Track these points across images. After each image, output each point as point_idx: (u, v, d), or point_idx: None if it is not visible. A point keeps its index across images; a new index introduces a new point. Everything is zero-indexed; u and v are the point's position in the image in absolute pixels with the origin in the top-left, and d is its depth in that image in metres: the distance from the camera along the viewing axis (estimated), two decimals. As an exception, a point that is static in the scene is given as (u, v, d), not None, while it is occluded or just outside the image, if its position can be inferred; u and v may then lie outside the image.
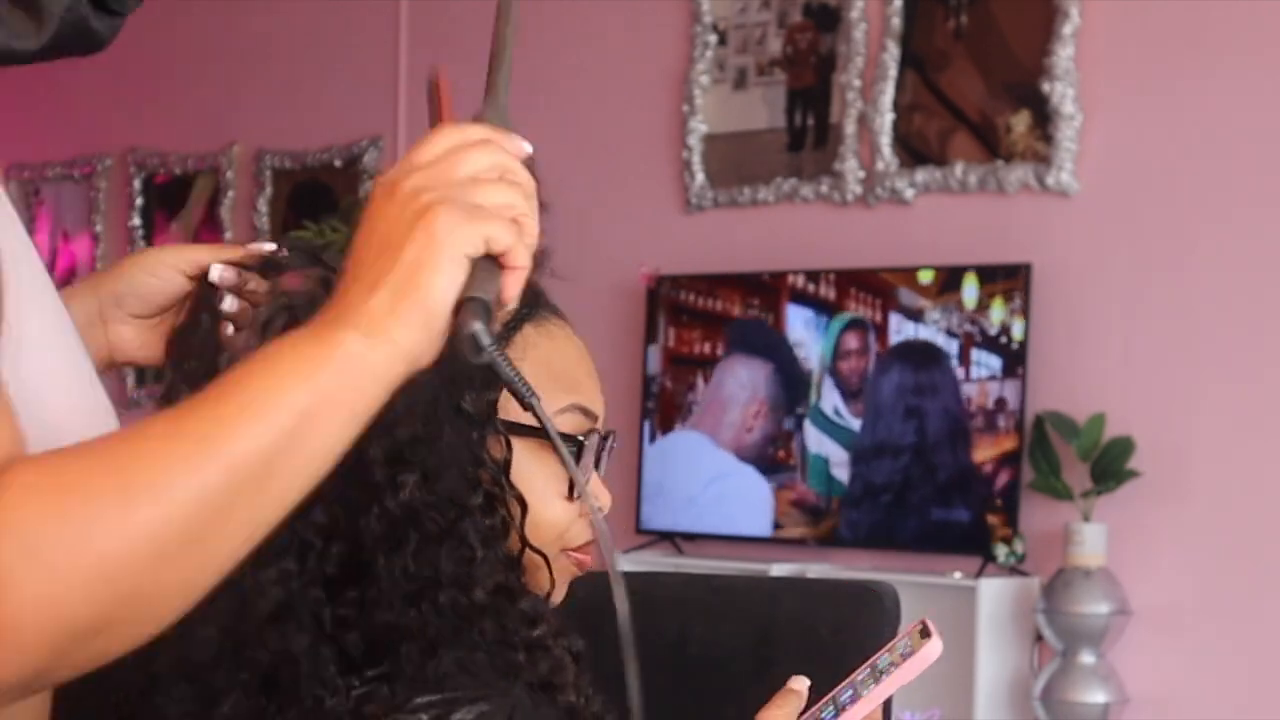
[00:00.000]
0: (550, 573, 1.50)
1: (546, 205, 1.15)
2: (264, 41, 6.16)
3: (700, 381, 5.02)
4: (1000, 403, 4.55)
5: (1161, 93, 4.50)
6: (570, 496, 1.51)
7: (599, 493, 1.54)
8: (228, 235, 6.10)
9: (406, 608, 1.38)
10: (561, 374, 1.54)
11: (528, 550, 1.48)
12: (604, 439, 1.55)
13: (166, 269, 1.49)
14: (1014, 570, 4.53)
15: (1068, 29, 4.56)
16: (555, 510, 1.51)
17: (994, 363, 4.57)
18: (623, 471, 5.10)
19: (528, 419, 1.31)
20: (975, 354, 4.59)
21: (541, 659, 1.46)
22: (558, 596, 1.52)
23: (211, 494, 0.96)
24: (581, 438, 1.51)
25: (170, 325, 1.49)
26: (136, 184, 6.46)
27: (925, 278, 4.66)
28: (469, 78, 1.29)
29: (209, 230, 6.25)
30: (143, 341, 1.51)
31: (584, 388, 1.55)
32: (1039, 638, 4.45)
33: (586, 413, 1.54)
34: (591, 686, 1.50)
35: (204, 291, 1.46)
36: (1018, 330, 4.54)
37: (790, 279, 4.88)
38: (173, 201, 6.40)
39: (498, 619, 1.42)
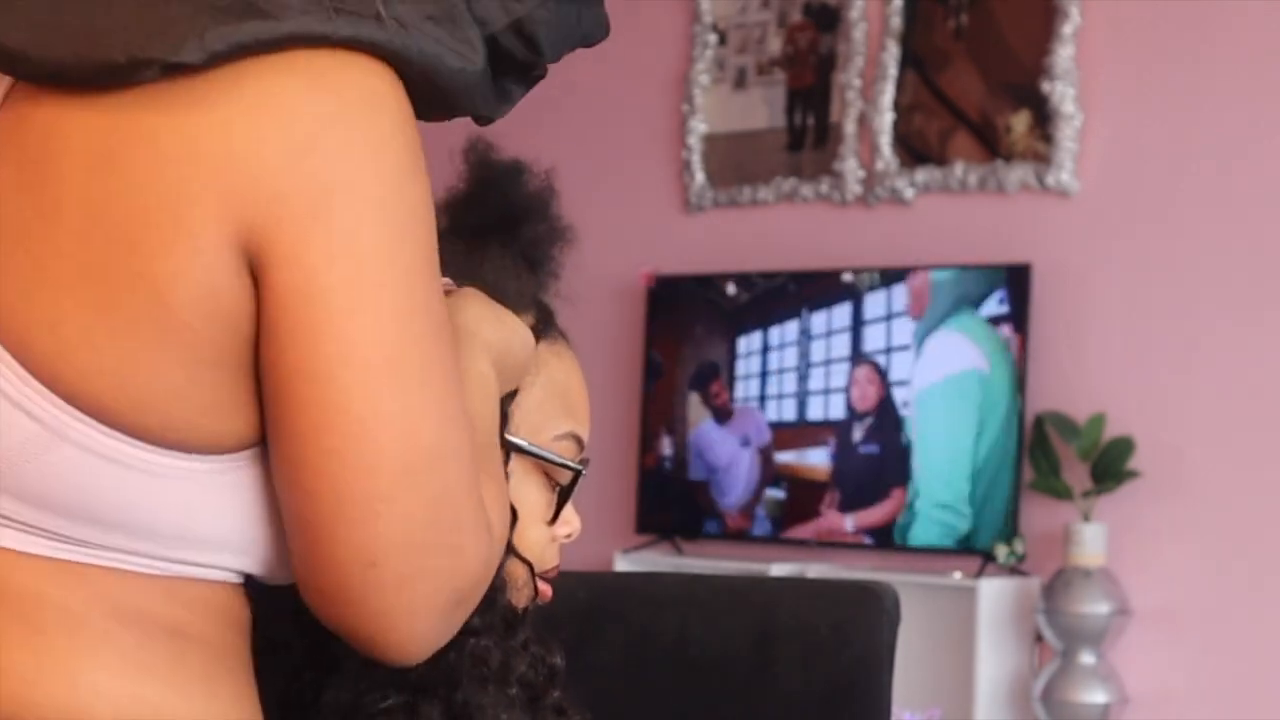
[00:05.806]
0: (534, 583, 1.52)
1: None
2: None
3: (702, 381, 5.02)
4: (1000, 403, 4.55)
5: (1161, 93, 4.50)
6: (551, 521, 1.54)
7: (571, 518, 1.57)
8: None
9: None
10: (566, 396, 1.58)
11: (509, 561, 1.49)
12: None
13: None
14: (1014, 570, 4.53)
15: (1068, 29, 4.56)
16: (535, 532, 1.53)
17: (993, 363, 4.57)
18: (623, 471, 5.09)
19: (523, 439, 1.49)
20: (974, 355, 4.59)
21: (517, 663, 1.48)
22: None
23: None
24: (577, 465, 1.54)
25: None
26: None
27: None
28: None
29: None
30: None
31: (580, 415, 1.59)
32: (1039, 638, 4.45)
33: (579, 442, 1.57)
34: (571, 700, 1.51)
35: None
36: (1017, 330, 4.54)
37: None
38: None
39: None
